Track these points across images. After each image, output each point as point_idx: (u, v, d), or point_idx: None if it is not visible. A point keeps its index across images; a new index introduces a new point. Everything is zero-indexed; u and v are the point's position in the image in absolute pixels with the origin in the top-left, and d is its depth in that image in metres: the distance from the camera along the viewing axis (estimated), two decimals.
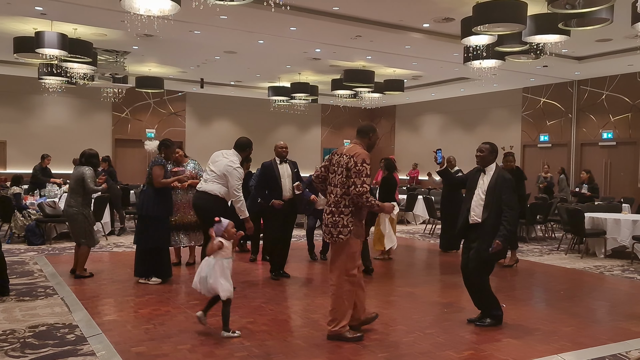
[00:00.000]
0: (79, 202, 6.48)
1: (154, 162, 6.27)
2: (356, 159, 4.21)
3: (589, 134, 15.24)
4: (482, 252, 4.66)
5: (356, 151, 4.27)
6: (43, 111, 17.10)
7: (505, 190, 4.67)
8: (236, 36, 10.83)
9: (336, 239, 4.26)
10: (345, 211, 4.23)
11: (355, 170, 4.18)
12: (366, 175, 4.20)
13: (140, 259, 6.26)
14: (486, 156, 4.84)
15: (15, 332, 4.39)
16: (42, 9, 9.10)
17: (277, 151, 6.75)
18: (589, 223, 8.94)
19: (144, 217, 6.24)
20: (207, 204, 5.74)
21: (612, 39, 10.89)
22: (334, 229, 4.26)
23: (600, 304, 6.01)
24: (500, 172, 4.79)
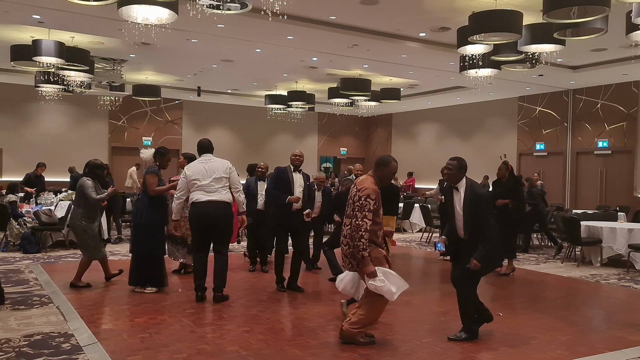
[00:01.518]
0: (79, 213, 6.43)
1: (148, 170, 6.26)
2: (361, 193, 4.27)
3: (585, 142, 15.31)
4: (467, 270, 4.55)
5: (364, 185, 4.32)
6: (40, 119, 17.09)
7: (478, 210, 4.46)
8: (233, 45, 10.87)
9: (357, 269, 4.34)
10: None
11: (358, 204, 4.24)
12: (369, 210, 4.22)
13: (135, 268, 6.22)
14: (454, 173, 4.59)
15: (10, 341, 4.36)
16: (39, 17, 9.12)
17: (291, 159, 6.61)
18: (585, 231, 8.97)
19: (139, 225, 6.21)
20: (227, 213, 5.81)
21: (607, 48, 10.99)
22: (353, 260, 4.32)
23: (597, 313, 6.02)
24: (472, 189, 4.54)
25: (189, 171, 5.83)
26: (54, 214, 9.35)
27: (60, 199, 10.30)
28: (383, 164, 4.48)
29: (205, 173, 5.79)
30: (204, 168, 5.82)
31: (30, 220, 9.32)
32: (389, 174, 4.51)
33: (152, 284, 6.23)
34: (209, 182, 5.76)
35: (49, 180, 14.41)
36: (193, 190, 5.78)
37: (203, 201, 5.72)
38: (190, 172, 5.81)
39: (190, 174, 5.79)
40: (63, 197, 10.49)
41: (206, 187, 5.75)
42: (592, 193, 15.12)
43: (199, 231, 5.82)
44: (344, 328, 4.40)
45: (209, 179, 5.77)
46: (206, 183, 5.76)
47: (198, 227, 5.80)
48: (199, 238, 5.85)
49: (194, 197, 5.77)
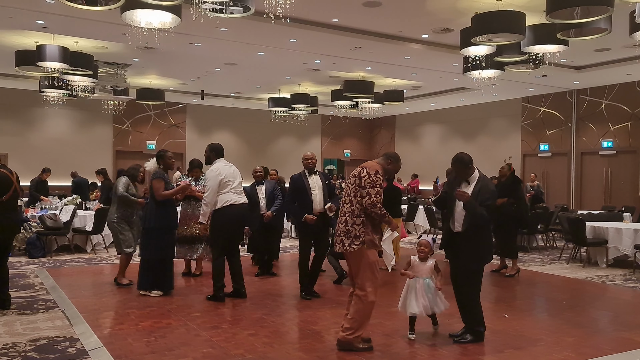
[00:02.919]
0: (112, 211, 6.82)
1: (153, 175, 6.29)
2: (369, 169, 4.28)
3: (589, 143, 15.26)
4: (467, 264, 4.58)
5: (371, 164, 4.39)
6: (44, 124, 17.16)
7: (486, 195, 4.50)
8: (236, 48, 10.89)
9: (347, 248, 4.26)
10: (357, 221, 4.24)
11: (369, 180, 4.23)
12: (380, 186, 4.25)
13: (144, 271, 6.23)
14: (460, 170, 4.66)
15: (16, 345, 4.37)
16: (43, 23, 9.16)
17: (303, 163, 6.38)
18: (590, 232, 8.93)
19: (148, 230, 6.22)
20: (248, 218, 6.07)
21: (611, 48, 10.95)
22: (346, 239, 4.27)
23: (603, 314, 5.99)
24: (484, 182, 4.59)
25: (220, 173, 5.86)
26: (59, 219, 9.38)
27: (65, 204, 10.32)
28: (393, 158, 4.53)
29: (233, 176, 5.95)
30: (230, 171, 5.97)
31: (36, 224, 9.35)
32: (393, 170, 4.55)
33: (159, 288, 6.24)
34: (238, 185, 5.96)
35: (54, 185, 14.48)
36: (225, 191, 5.85)
37: (240, 203, 5.92)
38: (223, 173, 5.89)
39: (224, 175, 5.88)
40: (68, 202, 10.52)
41: (237, 190, 5.93)
42: (597, 193, 15.06)
43: (231, 233, 5.94)
44: (339, 337, 4.35)
45: (236, 182, 5.96)
46: (236, 185, 5.94)
47: (232, 229, 5.92)
48: (229, 240, 5.97)
49: (230, 199, 5.85)
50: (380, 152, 22.14)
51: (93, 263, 8.57)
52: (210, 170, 5.95)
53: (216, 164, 6.01)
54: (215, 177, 5.85)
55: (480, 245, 4.59)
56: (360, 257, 4.27)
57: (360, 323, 4.29)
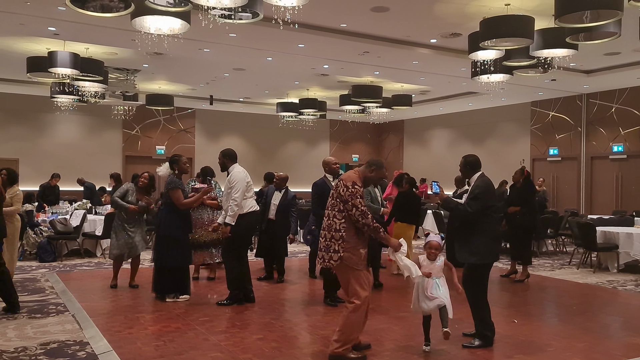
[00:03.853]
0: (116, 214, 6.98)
1: (170, 185, 6.16)
2: (346, 182, 4.15)
3: (599, 147, 15.16)
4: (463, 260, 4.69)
5: (348, 175, 4.26)
6: (55, 129, 17.32)
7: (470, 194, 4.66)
8: (245, 53, 10.94)
9: (327, 263, 4.16)
10: (336, 235, 4.11)
11: (348, 193, 4.10)
12: (361, 196, 4.13)
13: (162, 277, 6.15)
14: (462, 170, 4.90)
15: (26, 349, 4.41)
16: (54, 30, 9.26)
17: (329, 168, 6.37)
18: (601, 237, 8.86)
19: (165, 237, 6.15)
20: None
21: (621, 52, 10.89)
22: (326, 254, 4.17)
23: (614, 320, 5.93)
24: (477, 181, 4.73)
25: (247, 177, 6.00)
26: (69, 223, 9.45)
27: (75, 208, 10.40)
28: (376, 165, 4.36)
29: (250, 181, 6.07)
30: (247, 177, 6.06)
31: (46, 229, 9.43)
32: (377, 177, 4.40)
33: (186, 292, 6.26)
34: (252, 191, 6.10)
35: (65, 189, 14.59)
36: (249, 196, 5.99)
37: (256, 210, 6.09)
38: (248, 178, 6.03)
39: (249, 180, 6.02)
40: (78, 206, 10.60)
41: (253, 195, 6.09)
42: (608, 198, 14.94)
43: (248, 238, 6.16)
44: (329, 352, 4.21)
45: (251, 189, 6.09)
46: (253, 192, 6.09)
47: (250, 235, 6.17)
48: (245, 245, 6.14)
49: (253, 205, 6.03)
50: (388, 157, 22.15)
51: (103, 267, 8.62)
52: (238, 172, 5.95)
53: (237, 169, 6.04)
54: (243, 179, 5.91)
55: (473, 240, 4.61)
56: (343, 271, 4.16)
57: (349, 335, 4.15)
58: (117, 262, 6.92)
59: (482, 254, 4.63)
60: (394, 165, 20.91)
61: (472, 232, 4.62)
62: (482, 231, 4.62)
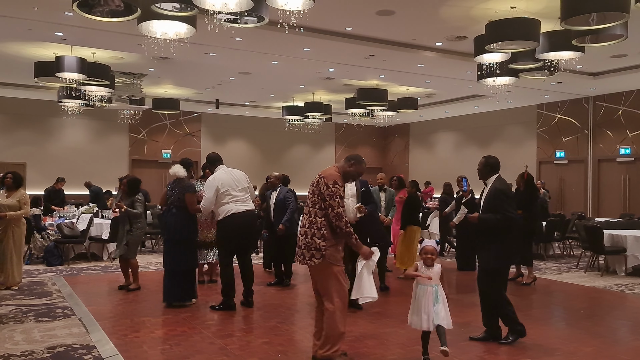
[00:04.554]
0: None
1: (190, 189, 6.17)
2: (327, 180, 4.06)
3: (606, 149, 15.08)
4: (485, 263, 4.74)
5: (329, 172, 4.15)
6: (62, 133, 17.42)
7: (496, 200, 4.70)
8: (250, 57, 10.98)
9: (308, 262, 4.05)
10: (318, 234, 4.02)
11: (328, 192, 4.03)
12: (340, 196, 4.06)
13: (176, 282, 6.07)
14: (481, 170, 4.92)
15: (34, 353, 4.42)
16: (62, 35, 9.33)
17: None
18: (608, 240, 8.81)
19: (177, 241, 6.07)
20: (256, 222, 6.02)
21: (627, 54, 10.84)
22: (306, 251, 4.05)
23: (622, 324, 5.89)
24: (496, 183, 4.80)
25: (219, 183, 5.82)
26: (76, 227, 9.49)
27: (82, 212, 10.44)
28: (355, 160, 4.29)
29: (234, 184, 5.89)
30: (232, 178, 5.91)
31: (53, 233, 9.47)
32: (355, 172, 4.29)
33: (193, 296, 6.29)
34: (239, 192, 5.88)
35: (71, 193, 14.66)
36: (226, 201, 5.82)
37: (242, 212, 5.84)
38: (221, 183, 5.83)
39: (222, 185, 5.82)
40: (84, 210, 10.64)
41: (239, 198, 5.86)
42: (615, 201, 14.85)
43: (235, 241, 5.92)
44: (317, 355, 4.12)
45: (239, 189, 5.89)
46: (237, 193, 5.86)
47: (236, 237, 5.88)
48: (234, 248, 5.96)
49: (232, 208, 5.81)
50: (394, 160, 22.13)
51: (109, 271, 8.65)
52: (209, 180, 5.95)
53: (216, 172, 5.99)
54: (211, 186, 5.81)
55: (498, 244, 4.70)
56: (323, 270, 4.05)
57: (335, 338, 4.05)
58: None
59: (509, 257, 4.77)
60: (399, 168, 20.90)
61: (496, 236, 4.69)
62: (505, 234, 4.72)
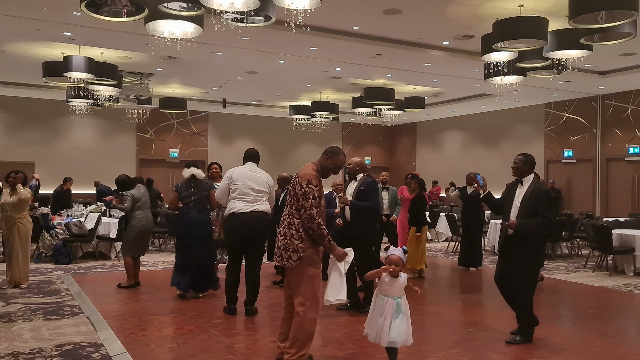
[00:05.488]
0: None
1: (209, 186, 6.62)
2: (301, 180, 3.94)
3: (615, 149, 14.98)
4: (517, 262, 4.70)
5: (305, 171, 4.02)
6: (70, 133, 17.53)
7: (540, 200, 4.67)
8: (257, 57, 10.99)
9: (286, 263, 3.93)
10: (296, 235, 3.91)
11: (301, 192, 3.89)
12: (314, 197, 3.88)
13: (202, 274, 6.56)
14: (520, 167, 4.85)
15: (42, 350, 4.45)
16: (70, 34, 9.38)
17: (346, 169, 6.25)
18: (617, 240, 8.75)
19: (205, 236, 6.49)
20: (265, 224, 5.71)
21: (637, 52, 10.76)
22: (284, 252, 3.94)
23: (631, 323, 5.85)
24: (537, 184, 4.80)
25: (234, 175, 5.59)
26: (84, 226, 9.55)
27: (90, 211, 10.50)
28: (331, 152, 4.15)
29: (249, 182, 5.57)
30: (249, 176, 5.61)
31: (62, 231, 9.53)
32: (334, 165, 4.13)
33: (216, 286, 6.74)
34: (253, 192, 5.56)
35: (79, 192, 14.74)
36: (233, 197, 5.55)
37: (246, 211, 5.50)
38: (236, 176, 5.58)
39: (236, 179, 5.56)
40: (92, 209, 10.70)
41: (248, 196, 5.53)
42: (624, 200, 14.76)
43: (237, 243, 5.60)
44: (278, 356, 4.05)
45: (253, 190, 5.56)
46: (249, 192, 5.54)
47: (237, 238, 5.55)
48: (238, 250, 5.65)
49: (234, 206, 5.53)
50: (401, 159, 22.10)
51: (117, 269, 8.69)
52: (227, 172, 5.82)
53: (239, 166, 5.80)
54: (225, 177, 5.71)
55: (530, 247, 4.70)
56: (300, 273, 3.93)
57: (303, 342, 3.93)
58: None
59: (542, 258, 4.87)
60: (407, 167, 20.85)
61: (531, 239, 4.68)
62: (538, 239, 4.75)
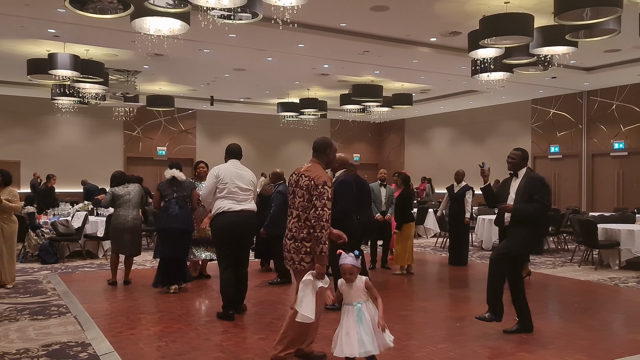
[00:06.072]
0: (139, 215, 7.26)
1: (192, 186, 6.85)
2: (317, 181, 3.85)
3: (600, 144, 15.14)
4: (509, 248, 4.86)
5: (317, 173, 3.93)
6: (56, 131, 17.36)
7: (534, 188, 4.84)
8: (245, 54, 10.96)
9: (298, 266, 3.91)
10: (308, 237, 3.86)
11: (316, 192, 3.82)
12: (327, 199, 3.83)
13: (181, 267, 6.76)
14: (517, 162, 5.04)
15: (29, 351, 4.41)
16: (54, 32, 9.28)
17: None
18: (602, 234, 8.86)
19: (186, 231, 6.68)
20: (254, 223, 5.60)
21: (621, 49, 10.88)
22: (295, 255, 3.91)
23: (616, 317, 5.93)
24: (530, 174, 4.99)
25: (222, 174, 5.39)
26: (71, 225, 9.46)
27: (77, 210, 10.41)
28: (328, 145, 4.13)
29: (236, 180, 5.41)
30: (236, 174, 5.44)
31: (48, 231, 9.45)
32: (334, 157, 4.18)
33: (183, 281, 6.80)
34: (241, 191, 5.41)
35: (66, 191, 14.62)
36: (222, 196, 5.37)
37: (236, 210, 5.34)
38: (223, 174, 5.39)
39: (223, 177, 5.37)
40: (79, 208, 10.61)
41: (237, 195, 5.38)
42: (609, 195, 14.94)
43: (228, 243, 5.38)
44: (272, 356, 3.98)
45: (241, 188, 5.41)
46: (237, 190, 5.38)
47: (229, 238, 5.35)
48: (229, 250, 5.42)
49: (224, 205, 5.34)
50: (389, 156, 22.15)
51: (105, 268, 8.62)
52: (212, 169, 5.60)
53: (223, 164, 5.63)
54: (211, 175, 5.49)
55: (526, 233, 4.86)
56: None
57: (292, 339, 3.92)
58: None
59: (534, 245, 5.04)
60: (395, 164, 20.92)
61: (526, 226, 4.85)
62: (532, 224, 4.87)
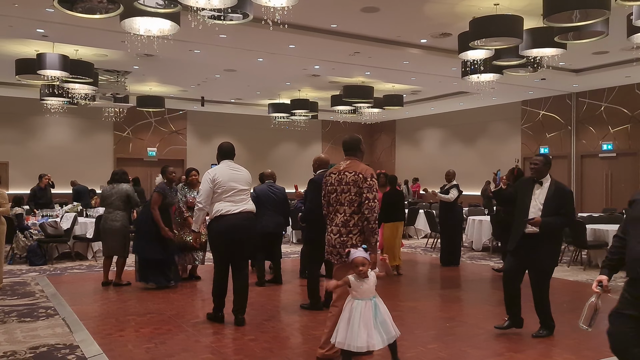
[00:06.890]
0: (125, 217, 7.20)
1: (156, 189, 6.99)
2: (365, 174, 4.06)
3: (589, 145, 15.27)
4: (541, 262, 4.93)
5: (362, 167, 4.14)
6: (45, 132, 17.23)
7: (563, 201, 4.87)
8: (236, 55, 10.93)
9: (345, 259, 3.97)
10: (354, 230, 4.04)
11: (366, 185, 4.02)
12: (376, 190, 4.07)
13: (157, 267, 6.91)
14: (540, 168, 5.01)
15: (16, 353, 4.37)
16: (43, 31, 9.21)
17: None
18: (591, 235, 8.92)
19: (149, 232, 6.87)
20: (254, 225, 5.40)
21: (609, 51, 10.98)
22: (342, 249, 4.04)
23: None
24: (559, 185, 4.99)
25: (218, 177, 5.20)
26: (60, 226, 9.39)
27: (65, 211, 10.34)
28: (359, 141, 4.37)
29: (234, 182, 5.25)
30: (232, 175, 5.28)
31: (36, 232, 9.37)
32: (365, 149, 4.46)
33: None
34: (238, 192, 5.25)
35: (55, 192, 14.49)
36: (220, 199, 5.18)
37: (235, 213, 5.16)
38: (221, 178, 5.20)
39: (221, 180, 5.18)
40: (69, 209, 10.53)
41: (235, 197, 5.22)
42: (598, 196, 15.06)
43: (227, 246, 5.20)
44: (318, 355, 4.04)
45: (238, 189, 5.26)
46: (235, 192, 5.22)
47: (227, 241, 5.17)
48: (226, 254, 5.26)
49: (222, 208, 5.15)
50: (380, 157, 22.20)
51: (94, 270, 8.58)
52: (207, 173, 5.38)
53: (218, 165, 5.47)
54: (206, 180, 5.27)
55: (551, 246, 4.95)
56: (346, 270, 3.91)
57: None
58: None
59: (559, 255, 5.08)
60: (386, 165, 20.96)
61: (550, 238, 4.89)
62: (559, 236, 4.98)
